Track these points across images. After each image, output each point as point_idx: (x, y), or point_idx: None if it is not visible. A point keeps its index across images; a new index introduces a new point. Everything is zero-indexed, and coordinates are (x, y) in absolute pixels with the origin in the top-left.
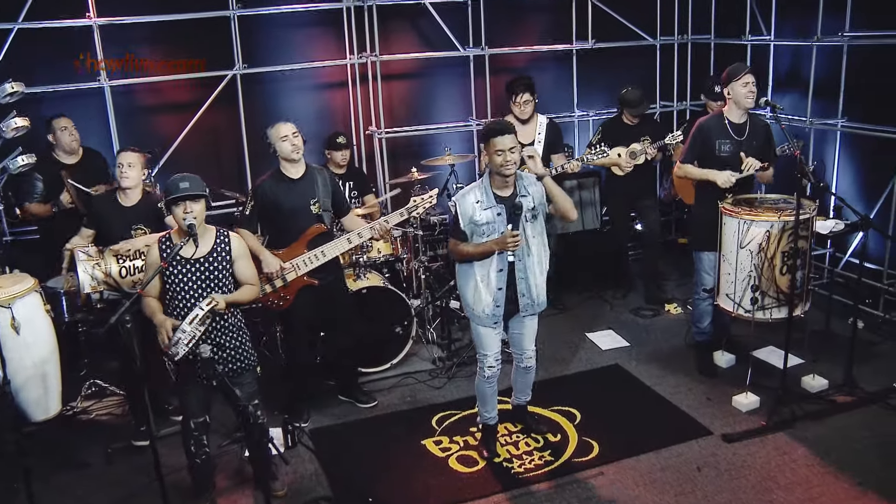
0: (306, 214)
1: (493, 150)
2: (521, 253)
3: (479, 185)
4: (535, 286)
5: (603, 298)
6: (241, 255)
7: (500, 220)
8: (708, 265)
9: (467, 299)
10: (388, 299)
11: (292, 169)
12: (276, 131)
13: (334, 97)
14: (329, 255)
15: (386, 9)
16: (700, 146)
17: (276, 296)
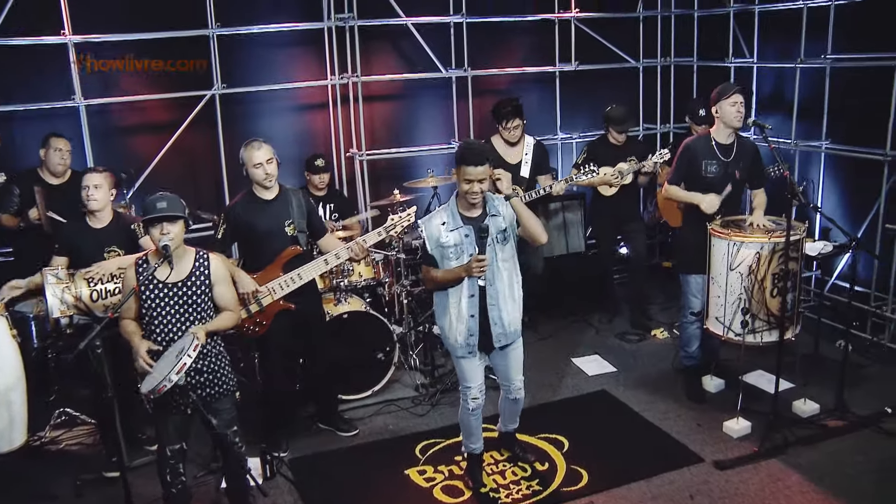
0: (281, 236)
1: (462, 176)
2: (492, 277)
3: (445, 206)
4: (506, 313)
5: (588, 323)
6: (221, 278)
7: (468, 241)
8: (695, 288)
9: (443, 329)
10: (369, 324)
11: (265, 190)
12: (249, 156)
13: (315, 119)
14: (306, 277)
15: (368, 30)
16: (686, 167)
17: (252, 321)
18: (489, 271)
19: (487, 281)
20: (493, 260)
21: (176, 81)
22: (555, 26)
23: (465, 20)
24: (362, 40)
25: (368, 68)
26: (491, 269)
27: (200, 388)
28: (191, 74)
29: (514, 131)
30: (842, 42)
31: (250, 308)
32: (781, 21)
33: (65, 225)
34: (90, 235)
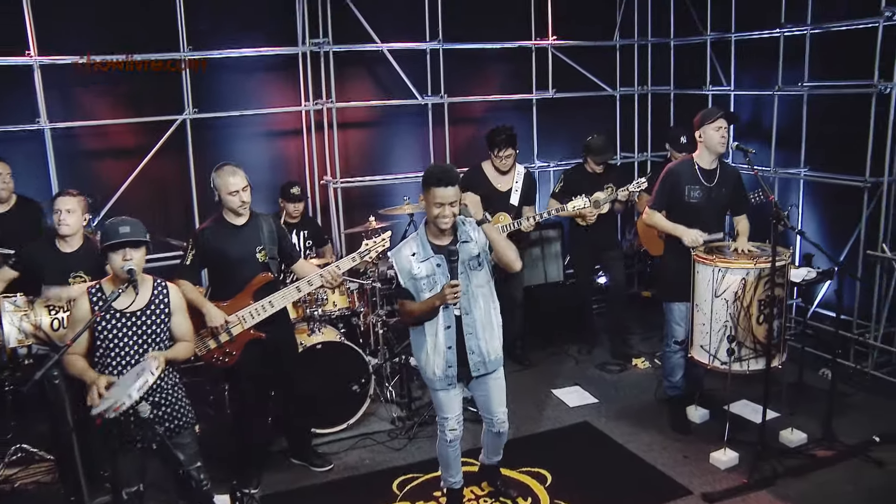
0: (252, 263)
1: (431, 201)
2: (468, 305)
3: (414, 236)
4: (484, 342)
5: (567, 354)
6: (179, 308)
7: (440, 271)
8: (679, 316)
9: (420, 362)
10: (343, 355)
11: (236, 216)
12: (223, 182)
13: (288, 145)
14: (277, 305)
15: (343, 55)
16: (669, 192)
17: (221, 351)
18: (464, 299)
19: (463, 310)
20: (467, 287)
21: (146, 105)
22: (532, 54)
23: (442, 46)
24: (337, 66)
25: (343, 94)
26: (466, 297)
27: (159, 423)
28: (161, 98)
29: (506, 160)
30: (819, 70)
31: (220, 338)
32: (758, 49)
33: (32, 243)
34: (56, 258)
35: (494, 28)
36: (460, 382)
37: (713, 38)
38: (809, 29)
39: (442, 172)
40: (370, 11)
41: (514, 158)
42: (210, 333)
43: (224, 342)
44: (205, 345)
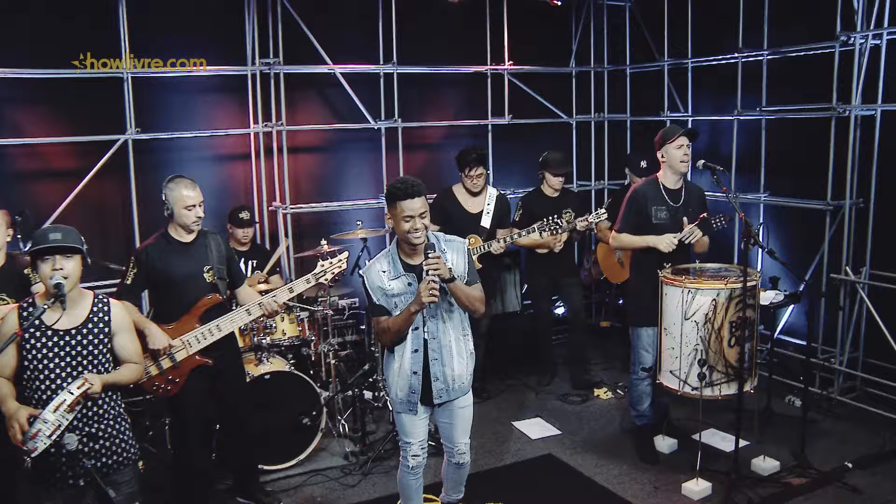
0: (199, 283)
1: (399, 215)
2: (436, 330)
3: (386, 252)
4: (451, 369)
5: (527, 385)
6: (123, 327)
7: (411, 290)
8: (647, 342)
9: (387, 380)
10: (293, 386)
11: (184, 232)
12: (179, 195)
13: (236, 169)
14: (225, 329)
15: (294, 77)
16: (635, 214)
17: (163, 379)
18: (432, 323)
19: (430, 334)
20: (436, 310)
21: (85, 124)
22: (487, 79)
23: (396, 70)
24: (288, 88)
25: (294, 117)
26: (435, 322)
27: (96, 457)
28: (102, 117)
29: (476, 180)
30: (778, 95)
31: (162, 364)
32: (716, 75)
33: None
34: None
35: (450, 52)
36: (425, 406)
37: (670, 65)
38: (767, 54)
39: (405, 184)
40: (322, 32)
41: (484, 179)
42: (152, 358)
43: (167, 368)
44: (146, 372)
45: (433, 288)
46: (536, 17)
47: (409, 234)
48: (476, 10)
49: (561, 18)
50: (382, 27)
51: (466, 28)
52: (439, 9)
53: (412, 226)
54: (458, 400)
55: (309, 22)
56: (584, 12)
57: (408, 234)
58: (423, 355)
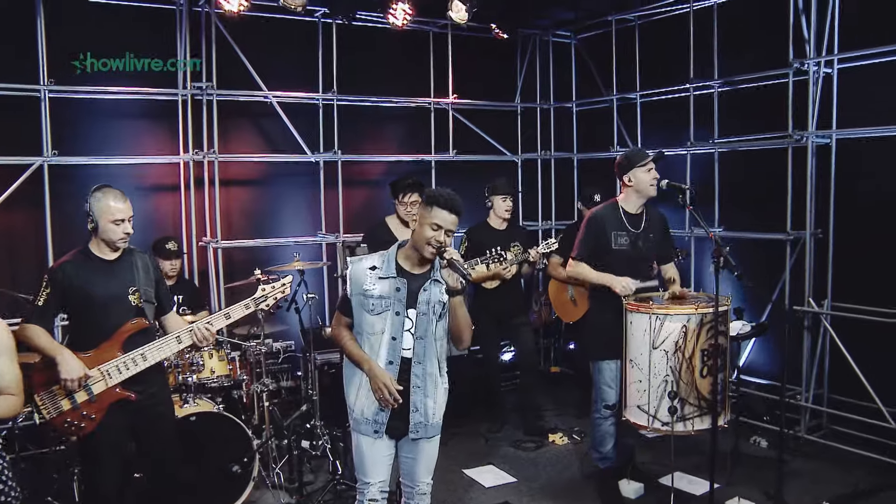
0: (122, 306)
1: (428, 220)
2: (422, 354)
3: (381, 253)
4: (432, 401)
5: (475, 432)
6: (4, 350)
7: (397, 297)
8: (609, 377)
9: (348, 398)
10: (223, 430)
11: (108, 249)
12: (106, 207)
13: (164, 201)
14: (151, 359)
15: (227, 104)
16: (594, 239)
17: (77, 415)
18: (419, 345)
19: (416, 356)
20: (425, 332)
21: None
22: (431, 114)
23: (336, 99)
24: (221, 116)
25: (226, 148)
26: (422, 344)
27: None
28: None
29: (411, 207)
30: (731, 126)
31: (76, 397)
32: (664, 109)
33: None
34: None
35: (392, 85)
36: (390, 438)
37: (618, 99)
38: (718, 85)
39: (449, 195)
40: (258, 58)
41: None
42: (64, 391)
43: (81, 403)
44: (55, 405)
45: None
46: (481, 53)
47: (427, 243)
48: (419, 42)
49: (506, 54)
50: (322, 55)
51: (409, 60)
52: (381, 40)
53: (436, 237)
54: (433, 438)
55: (244, 47)
56: (529, 48)
57: (426, 244)
58: (401, 375)
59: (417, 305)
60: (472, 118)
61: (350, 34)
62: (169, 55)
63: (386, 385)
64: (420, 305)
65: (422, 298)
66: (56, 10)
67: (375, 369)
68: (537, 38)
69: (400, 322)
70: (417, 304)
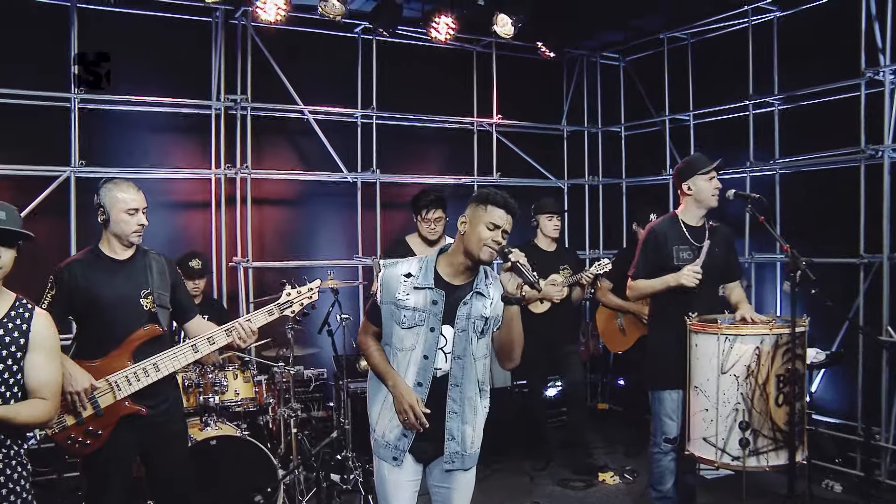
0: (134, 311)
1: (483, 219)
2: (461, 375)
3: (419, 258)
4: (470, 428)
5: (520, 470)
6: (44, 345)
7: (433, 311)
8: (671, 407)
9: (371, 415)
10: (246, 456)
11: (119, 247)
12: (117, 198)
13: (193, 219)
14: (164, 370)
15: (262, 121)
16: (653, 255)
17: (81, 431)
18: (457, 366)
19: (453, 378)
20: (464, 350)
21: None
22: (473, 135)
23: (375, 115)
24: (255, 133)
25: (260, 165)
26: (460, 365)
27: None
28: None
29: (434, 225)
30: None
31: (81, 411)
32: (719, 129)
33: None
34: None
35: (434, 104)
36: (417, 464)
37: (670, 121)
38: (778, 102)
39: (504, 196)
40: (295, 74)
41: (443, 225)
42: (69, 404)
43: (87, 417)
44: (58, 420)
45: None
46: (526, 73)
47: (483, 246)
48: (462, 61)
49: (552, 75)
50: (361, 72)
51: (452, 80)
52: (423, 57)
53: (494, 236)
54: (470, 470)
55: (280, 61)
56: (576, 69)
57: (482, 246)
58: (433, 397)
59: (456, 321)
60: (516, 141)
61: (390, 50)
62: (203, 68)
63: (411, 406)
64: (459, 321)
65: (461, 313)
66: (89, 20)
67: (401, 387)
68: (584, 60)
69: (434, 339)
70: (456, 320)
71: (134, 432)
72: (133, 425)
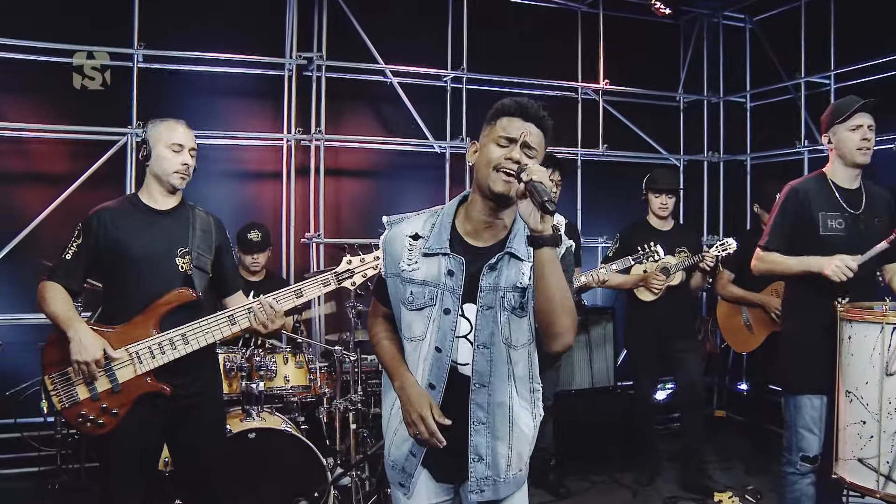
0: (166, 270)
1: (492, 137)
2: (487, 371)
3: (432, 213)
4: (504, 445)
5: (620, 483)
6: None
7: (448, 286)
8: (812, 416)
9: (383, 417)
10: (290, 454)
11: (161, 196)
12: (164, 131)
13: (263, 190)
14: (195, 343)
15: (338, 84)
16: (793, 219)
17: (96, 408)
18: (482, 359)
19: (477, 377)
20: (495, 338)
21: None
22: (577, 107)
23: (465, 77)
24: (331, 98)
25: (336, 130)
26: (485, 357)
27: None
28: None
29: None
30: None
31: (95, 384)
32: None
33: None
34: None
35: (531, 68)
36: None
37: (806, 86)
38: None
39: (525, 101)
40: (376, 33)
41: (558, 190)
42: (79, 374)
43: (102, 393)
44: (69, 393)
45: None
46: (638, 37)
47: (495, 168)
48: (566, 22)
49: (667, 39)
50: (452, 29)
51: (553, 42)
52: (520, 16)
53: (507, 153)
54: (513, 496)
55: (360, 20)
56: (694, 32)
57: (492, 170)
58: (450, 399)
59: (479, 295)
60: (625, 111)
61: (484, 6)
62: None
63: (422, 417)
64: (483, 295)
65: (486, 283)
66: None
67: (409, 390)
68: (705, 20)
69: (449, 325)
70: (479, 294)
71: (157, 415)
72: (156, 406)
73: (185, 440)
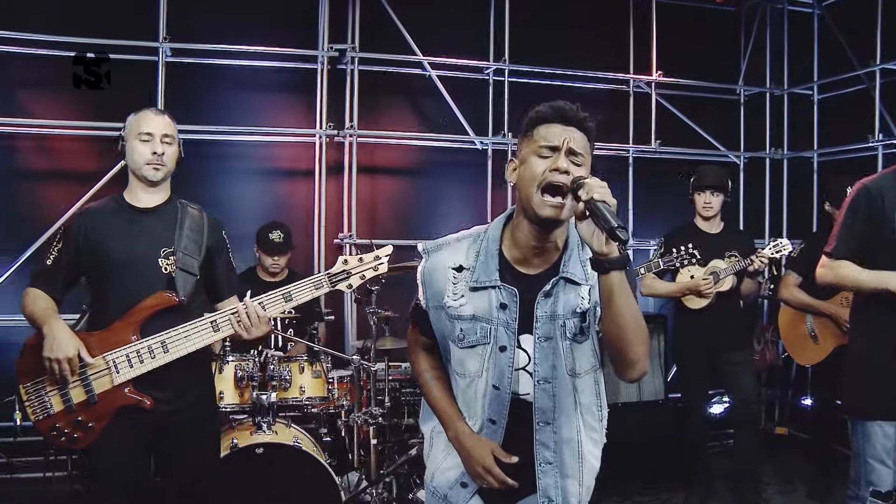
0: (148, 272)
1: (533, 148)
2: (551, 407)
3: (475, 236)
4: (574, 483)
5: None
6: None
7: (502, 319)
8: (883, 447)
9: (425, 444)
10: (301, 471)
11: (143, 193)
12: (132, 123)
13: (294, 189)
14: (175, 351)
15: (373, 78)
16: (866, 222)
17: (70, 421)
18: (543, 395)
19: (540, 414)
20: (558, 370)
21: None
22: (629, 98)
23: (507, 69)
24: (363, 90)
25: (369, 126)
26: (547, 392)
27: None
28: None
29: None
30: None
31: (69, 393)
32: None
33: None
34: None
35: (578, 59)
36: None
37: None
38: None
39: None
40: (414, 24)
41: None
42: (54, 381)
43: (77, 404)
44: (42, 404)
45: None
46: (694, 27)
47: (544, 182)
48: (615, 10)
49: (727, 29)
50: (494, 17)
51: (600, 31)
52: (564, 4)
53: (552, 164)
54: None
55: (396, 9)
56: (756, 20)
57: (537, 188)
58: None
59: (535, 326)
60: (680, 105)
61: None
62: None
63: (488, 469)
64: (540, 325)
65: (541, 312)
66: None
67: (466, 442)
68: (768, 7)
69: (507, 361)
70: (535, 325)
71: (140, 428)
72: (135, 420)
73: (169, 461)
